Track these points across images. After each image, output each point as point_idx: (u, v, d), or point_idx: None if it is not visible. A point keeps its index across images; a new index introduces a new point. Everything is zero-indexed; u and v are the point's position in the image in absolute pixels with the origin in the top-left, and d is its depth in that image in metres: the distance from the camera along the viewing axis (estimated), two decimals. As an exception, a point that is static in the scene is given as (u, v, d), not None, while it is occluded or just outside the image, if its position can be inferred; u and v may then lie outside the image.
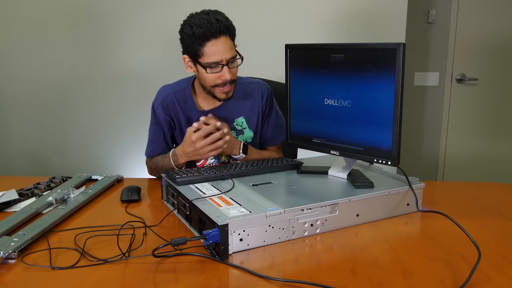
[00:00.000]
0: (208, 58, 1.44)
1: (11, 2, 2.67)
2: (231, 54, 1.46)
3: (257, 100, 1.67)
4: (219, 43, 1.43)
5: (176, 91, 1.63)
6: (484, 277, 0.91)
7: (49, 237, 1.12)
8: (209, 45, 1.42)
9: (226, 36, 1.44)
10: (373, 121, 1.26)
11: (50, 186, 1.53)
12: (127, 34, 2.69)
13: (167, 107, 1.62)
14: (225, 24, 1.43)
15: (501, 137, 3.27)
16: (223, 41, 1.43)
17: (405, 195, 1.26)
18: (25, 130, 2.83)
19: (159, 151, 1.67)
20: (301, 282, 0.88)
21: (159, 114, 1.63)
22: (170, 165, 1.56)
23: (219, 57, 1.44)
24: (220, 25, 1.42)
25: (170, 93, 1.63)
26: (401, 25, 2.60)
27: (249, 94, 1.67)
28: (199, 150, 1.47)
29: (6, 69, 2.76)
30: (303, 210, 1.09)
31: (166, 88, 1.66)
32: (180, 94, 1.63)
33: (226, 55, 1.44)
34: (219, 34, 1.42)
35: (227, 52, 1.44)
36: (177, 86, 1.66)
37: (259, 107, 1.67)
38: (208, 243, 0.97)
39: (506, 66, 3.18)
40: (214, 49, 1.43)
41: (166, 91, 1.64)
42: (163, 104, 1.62)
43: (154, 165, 1.66)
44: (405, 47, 1.16)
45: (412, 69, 3.23)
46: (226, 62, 1.45)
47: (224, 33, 1.43)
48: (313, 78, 1.40)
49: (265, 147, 1.75)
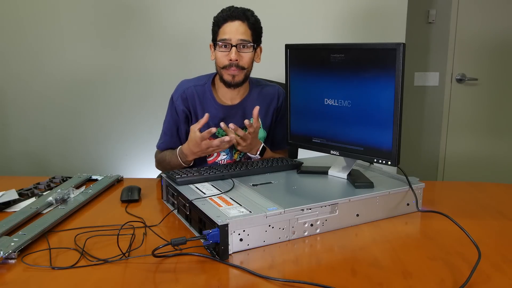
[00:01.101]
0: (220, 36, 1.55)
1: (11, 2, 2.67)
2: (241, 36, 1.53)
3: (273, 101, 1.73)
4: (233, 25, 1.54)
5: (197, 85, 1.68)
6: (484, 277, 0.91)
7: (49, 237, 1.12)
8: (224, 26, 1.55)
9: (242, 22, 1.54)
10: (373, 121, 1.26)
11: (50, 186, 1.53)
12: (127, 34, 2.68)
13: (186, 100, 1.65)
14: (243, 10, 1.56)
15: (501, 137, 3.27)
16: (237, 24, 1.54)
17: (405, 195, 1.26)
18: (25, 130, 2.83)
19: (171, 144, 1.69)
20: (301, 282, 0.88)
21: (178, 105, 1.66)
22: (178, 162, 1.57)
23: (228, 36, 1.53)
24: (237, 10, 1.55)
25: (191, 86, 1.67)
26: (401, 25, 2.60)
27: (266, 95, 1.72)
28: (206, 150, 1.48)
29: (6, 69, 2.76)
30: (303, 210, 1.09)
31: (186, 82, 1.70)
32: (200, 88, 1.67)
33: (237, 36, 1.53)
34: (235, 18, 1.54)
35: (238, 34, 1.53)
36: (197, 80, 1.70)
37: (274, 109, 1.73)
38: (208, 243, 0.97)
39: (506, 66, 3.18)
40: (227, 29, 1.54)
41: (186, 84, 1.68)
42: (182, 96, 1.65)
43: (161, 158, 1.68)
44: (405, 47, 1.16)
45: (412, 69, 3.23)
46: (235, 44, 1.53)
47: (240, 18, 1.54)
48: (313, 78, 1.40)
49: (274, 150, 1.76)
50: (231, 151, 1.67)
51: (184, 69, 2.61)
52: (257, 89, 1.71)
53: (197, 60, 2.52)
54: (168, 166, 1.62)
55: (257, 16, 1.59)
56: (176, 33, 2.66)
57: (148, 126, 2.71)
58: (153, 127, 1.75)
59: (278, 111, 1.74)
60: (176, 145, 1.66)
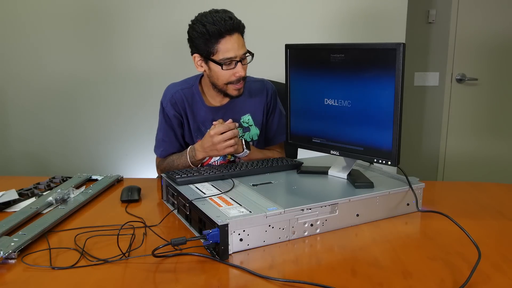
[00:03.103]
0: (223, 55, 1.47)
1: (11, 2, 2.67)
2: (244, 50, 1.50)
3: (262, 97, 1.70)
4: (233, 40, 1.47)
5: (184, 88, 1.65)
6: (484, 277, 0.91)
7: (49, 237, 1.12)
8: (224, 42, 1.46)
9: (238, 34, 1.49)
10: (373, 121, 1.26)
11: (50, 186, 1.53)
12: (127, 34, 2.68)
13: (175, 104, 1.63)
14: (237, 22, 1.48)
15: (501, 137, 3.27)
16: (236, 38, 1.47)
17: (405, 195, 1.26)
18: (25, 130, 2.83)
19: (172, 150, 1.66)
20: (301, 282, 0.88)
21: (168, 111, 1.64)
22: (186, 162, 1.55)
23: (234, 53, 1.47)
24: (233, 22, 1.46)
25: (178, 90, 1.65)
26: (401, 25, 2.60)
27: (254, 91, 1.70)
28: (217, 145, 1.46)
29: (6, 69, 2.76)
30: (303, 210, 1.09)
31: (173, 86, 1.68)
32: (188, 91, 1.65)
33: (240, 52, 1.48)
34: (232, 31, 1.46)
35: (240, 49, 1.49)
36: (184, 83, 1.68)
37: (263, 104, 1.70)
38: (208, 243, 0.97)
39: (506, 66, 3.18)
40: (229, 46, 1.46)
41: (173, 88, 1.66)
42: (171, 101, 1.63)
43: (168, 165, 1.62)
44: (405, 47, 1.16)
45: (412, 69, 3.23)
46: (240, 59, 1.49)
47: (237, 30, 1.48)
48: (313, 78, 1.40)
49: (268, 146, 1.75)
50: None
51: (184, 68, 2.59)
52: (246, 86, 1.65)
53: (197, 60, 2.51)
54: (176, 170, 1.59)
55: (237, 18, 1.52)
56: (176, 32, 2.65)
57: (148, 126, 2.70)
58: (153, 127, 1.74)
59: (268, 106, 1.72)
60: (177, 149, 1.65)
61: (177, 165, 1.59)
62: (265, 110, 1.71)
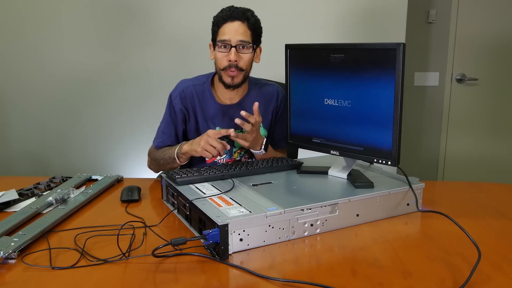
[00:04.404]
0: (219, 37, 1.54)
1: (11, 2, 2.67)
2: (241, 37, 1.52)
3: (272, 100, 1.73)
4: (233, 26, 1.53)
5: (196, 85, 1.67)
6: (484, 277, 0.91)
7: (49, 237, 1.12)
8: (224, 26, 1.54)
9: (242, 22, 1.53)
10: (373, 121, 1.26)
11: (50, 186, 1.53)
12: (127, 34, 2.68)
13: (184, 99, 1.65)
14: (243, 10, 1.54)
15: (501, 137, 3.27)
16: (237, 25, 1.53)
17: (405, 195, 1.26)
18: (25, 130, 2.83)
19: (168, 143, 1.67)
20: (301, 282, 0.88)
21: (176, 104, 1.65)
22: (173, 153, 1.55)
23: (228, 37, 1.52)
24: (236, 10, 1.54)
25: (190, 85, 1.67)
26: (401, 25, 2.60)
27: (266, 94, 1.72)
28: (201, 142, 1.43)
29: (6, 69, 2.75)
30: (303, 210, 1.09)
31: (186, 81, 1.70)
32: (200, 87, 1.67)
33: (236, 37, 1.52)
34: (235, 18, 1.53)
35: (238, 35, 1.52)
36: (196, 80, 1.70)
37: (273, 108, 1.73)
38: (208, 243, 0.97)
39: (506, 66, 3.18)
40: (226, 30, 1.53)
41: (185, 83, 1.68)
42: (181, 95, 1.65)
43: (158, 155, 1.63)
44: (405, 47, 1.16)
45: (412, 69, 3.23)
46: (235, 45, 1.52)
47: (240, 18, 1.53)
48: (313, 78, 1.40)
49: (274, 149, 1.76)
50: (230, 150, 1.67)
51: (184, 69, 2.61)
52: (256, 88, 1.71)
53: (197, 60, 2.51)
54: (162, 161, 1.60)
55: (257, 16, 1.58)
56: (176, 33, 2.66)
57: (148, 126, 2.70)
58: (153, 127, 1.74)
59: (278, 110, 1.75)
60: (173, 144, 1.66)
61: (163, 155, 1.60)
62: (274, 114, 1.74)
